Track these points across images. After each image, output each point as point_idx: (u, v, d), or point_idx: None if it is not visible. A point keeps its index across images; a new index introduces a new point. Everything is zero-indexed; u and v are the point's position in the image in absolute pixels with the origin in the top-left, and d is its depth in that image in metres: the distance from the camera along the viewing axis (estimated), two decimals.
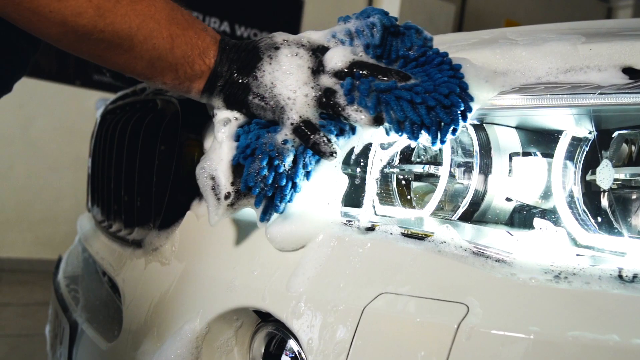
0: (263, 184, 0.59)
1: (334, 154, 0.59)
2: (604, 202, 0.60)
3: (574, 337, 0.46)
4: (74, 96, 3.67)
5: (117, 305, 0.97)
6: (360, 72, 0.59)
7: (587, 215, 0.60)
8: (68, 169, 3.64)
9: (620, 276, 0.49)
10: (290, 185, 0.60)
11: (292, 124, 0.59)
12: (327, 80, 0.59)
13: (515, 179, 0.64)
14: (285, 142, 0.59)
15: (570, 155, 0.60)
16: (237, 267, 0.66)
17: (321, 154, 0.59)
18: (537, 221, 0.59)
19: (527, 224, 0.64)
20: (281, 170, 0.59)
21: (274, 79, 0.59)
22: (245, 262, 0.65)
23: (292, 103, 0.58)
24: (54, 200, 3.64)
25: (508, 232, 0.61)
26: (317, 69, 0.60)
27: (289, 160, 0.59)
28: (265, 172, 0.59)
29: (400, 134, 0.58)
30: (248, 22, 4.14)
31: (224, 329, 0.67)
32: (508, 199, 0.64)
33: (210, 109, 0.66)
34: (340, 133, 0.60)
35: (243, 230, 0.68)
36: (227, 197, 0.60)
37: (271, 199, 0.60)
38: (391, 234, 0.60)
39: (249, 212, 0.69)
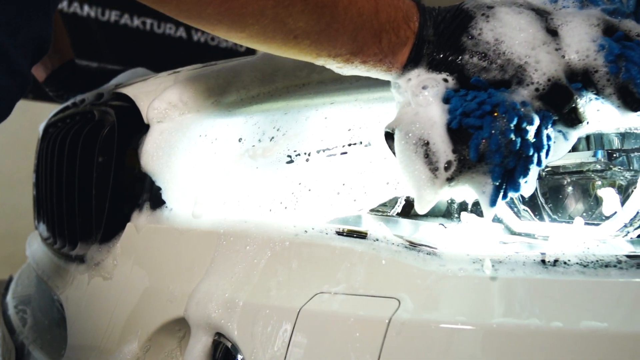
0: (507, 151, 0.48)
1: (588, 122, 0.51)
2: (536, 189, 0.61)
3: (498, 323, 0.47)
4: (28, 110, 3.55)
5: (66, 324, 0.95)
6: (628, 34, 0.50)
7: (520, 203, 0.62)
8: (26, 185, 3.53)
9: (543, 261, 0.51)
10: (536, 158, 0.49)
11: (537, 89, 0.50)
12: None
13: None
14: (524, 103, 0.50)
15: None
16: (177, 276, 0.65)
17: (576, 122, 0.51)
18: (465, 214, 0.60)
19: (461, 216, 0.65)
20: (527, 137, 0.49)
21: (498, 35, 0.51)
22: (185, 271, 0.65)
23: (535, 62, 0.50)
24: (12, 218, 3.52)
25: (442, 225, 0.62)
26: (551, 29, 0.52)
27: (536, 125, 0.49)
28: (512, 135, 0.48)
29: None
30: None
31: (167, 340, 0.66)
32: None
33: (395, 84, 0.56)
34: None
35: (182, 238, 0.67)
36: (447, 167, 0.49)
37: (511, 172, 0.49)
38: (326, 233, 0.60)
39: (186, 219, 0.68)
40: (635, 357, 0.44)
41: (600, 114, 0.53)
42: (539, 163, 0.50)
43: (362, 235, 0.58)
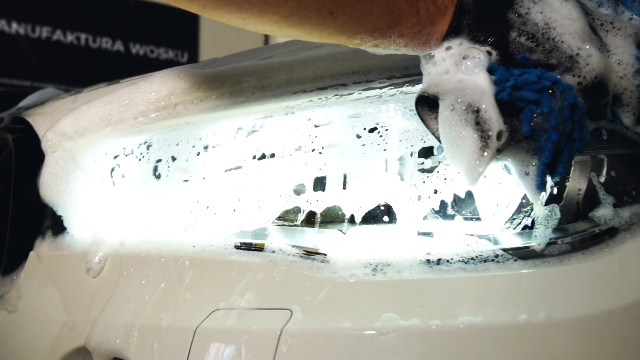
0: (563, 129, 0.46)
1: (610, 119, 0.52)
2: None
3: (383, 326, 0.48)
4: None
5: None
6: None
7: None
8: None
9: (428, 261, 0.53)
10: (579, 143, 0.48)
11: (580, 82, 0.49)
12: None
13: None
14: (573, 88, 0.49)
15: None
16: (80, 304, 0.63)
17: (602, 117, 0.51)
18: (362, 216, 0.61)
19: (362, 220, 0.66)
20: (578, 118, 0.48)
21: (547, 19, 0.50)
22: (87, 298, 0.63)
23: (587, 56, 0.50)
24: None
25: (340, 231, 0.63)
26: (593, 27, 0.52)
27: (583, 109, 0.48)
28: (569, 112, 0.47)
29: None
30: (143, 39, 4.02)
31: None
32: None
33: (427, 55, 0.54)
34: None
35: (79, 265, 0.66)
36: (499, 136, 0.47)
37: (558, 154, 0.47)
38: (225, 248, 0.60)
39: (87, 244, 0.67)
40: (510, 348, 0.47)
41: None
42: (580, 148, 0.48)
43: (259, 248, 0.59)
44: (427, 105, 0.51)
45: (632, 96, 0.52)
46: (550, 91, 0.47)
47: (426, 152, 0.60)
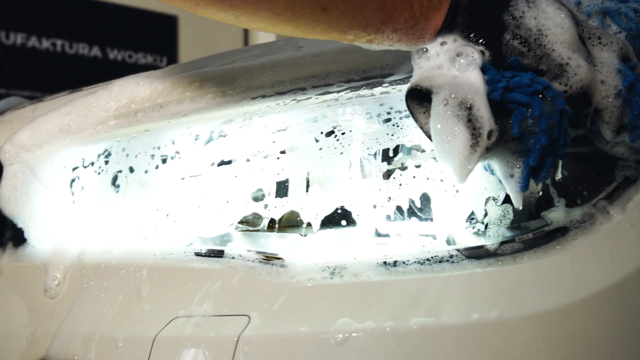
0: (551, 134, 0.47)
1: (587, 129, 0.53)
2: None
3: (339, 330, 0.49)
4: None
5: None
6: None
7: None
8: None
9: (385, 263, 0.53)
10: (563, 149, 0.49)
11: (566, 91, 0.50)
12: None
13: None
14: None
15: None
16: (40, 316, 0.63)
17: (582, 126, 0.52)
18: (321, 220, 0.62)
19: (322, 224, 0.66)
20: (565, 124, 0.48)
21: (541, 26, 0.51)
22: (47, 311, 0.62)
23: (577, 66, 0.50)
24: None
25: (300, 235, 0.63)
26: (582, 38, 0.53)
27: (569, 116, 0.49)
28: (557, 118, 0.47)
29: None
30: (121, 44, 3.98)
31: None
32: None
33: (420, 49, 0.53)
34: None
35: (39, 277, 0.65)
36: (490, 135, 0.47)
37: (544, 158, 0.48)
38: (185, 255, 0.60)
39: (48, 255, 0.66)
40: (462, 348, 0.47)
41: None
42: (564, 155, 0.49)
43: (219, 254, 0.58)
44: (417, 98, 0.52)
45: (613, 116, 0.53)
46: (541, 95, 0.48)
47: (384, 155, 0.61)
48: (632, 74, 0.53)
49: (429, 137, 0.50)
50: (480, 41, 0.52)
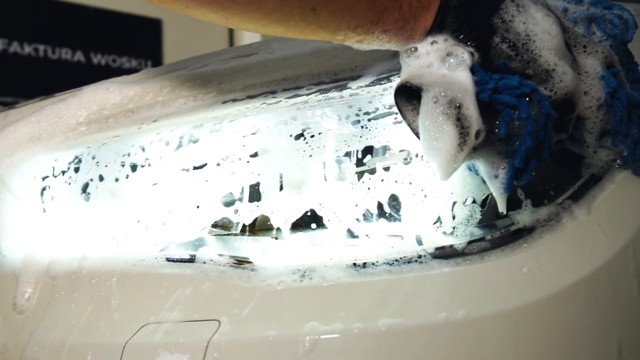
0: (536, 137, 0.47)
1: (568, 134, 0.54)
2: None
3: (307, 333, 0.49)
4: None
5: None
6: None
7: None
8: None
9: (354, 264, 0.53)
10: (547, 152, 0.50)
11: (550, 96, 0.51)
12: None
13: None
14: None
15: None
16: (9, 327, 0.62)
17: (565, 131, 0.53)
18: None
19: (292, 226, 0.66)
20: (550, 128, 0.49)
21: (529, 31, 0.51)
22: (17, 321, 0.62)
23: (562, 73, 0.51)
24: None
25: (273, 238, 0.63)
26: (568, 45, 0.54)
27: (554, 120, 0.50)
28: (543, 121, 0.48)
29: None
30: (104, 49, 3.95)
31: None
32: None
33: (409, 48, 0.54)
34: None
35: (10, 287, 0.64)
36: (477, 135, 0.47)
37: (529, 160, 0.49)
38: (156, 259, 0.59)
39: (19, 264, 0.66)
40: (430, 347, 0.47)
41: None
42: (547, 158, 0.50)
43: (190, 259, 0.58)
44: (405, 95, 0.52)
45: (595, 126, 0.54)
46: (528, 98, 0.48)
47: (353, 156, 0.61)
48: (615, 81, 0.54)
49: (416, 134, 0.51)
50: (470, 42, 0.52)
